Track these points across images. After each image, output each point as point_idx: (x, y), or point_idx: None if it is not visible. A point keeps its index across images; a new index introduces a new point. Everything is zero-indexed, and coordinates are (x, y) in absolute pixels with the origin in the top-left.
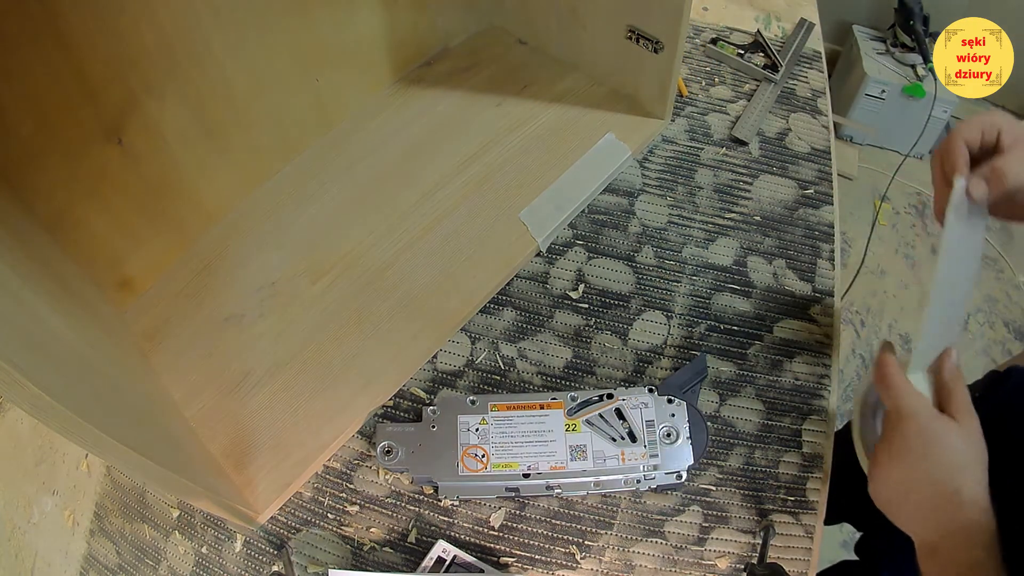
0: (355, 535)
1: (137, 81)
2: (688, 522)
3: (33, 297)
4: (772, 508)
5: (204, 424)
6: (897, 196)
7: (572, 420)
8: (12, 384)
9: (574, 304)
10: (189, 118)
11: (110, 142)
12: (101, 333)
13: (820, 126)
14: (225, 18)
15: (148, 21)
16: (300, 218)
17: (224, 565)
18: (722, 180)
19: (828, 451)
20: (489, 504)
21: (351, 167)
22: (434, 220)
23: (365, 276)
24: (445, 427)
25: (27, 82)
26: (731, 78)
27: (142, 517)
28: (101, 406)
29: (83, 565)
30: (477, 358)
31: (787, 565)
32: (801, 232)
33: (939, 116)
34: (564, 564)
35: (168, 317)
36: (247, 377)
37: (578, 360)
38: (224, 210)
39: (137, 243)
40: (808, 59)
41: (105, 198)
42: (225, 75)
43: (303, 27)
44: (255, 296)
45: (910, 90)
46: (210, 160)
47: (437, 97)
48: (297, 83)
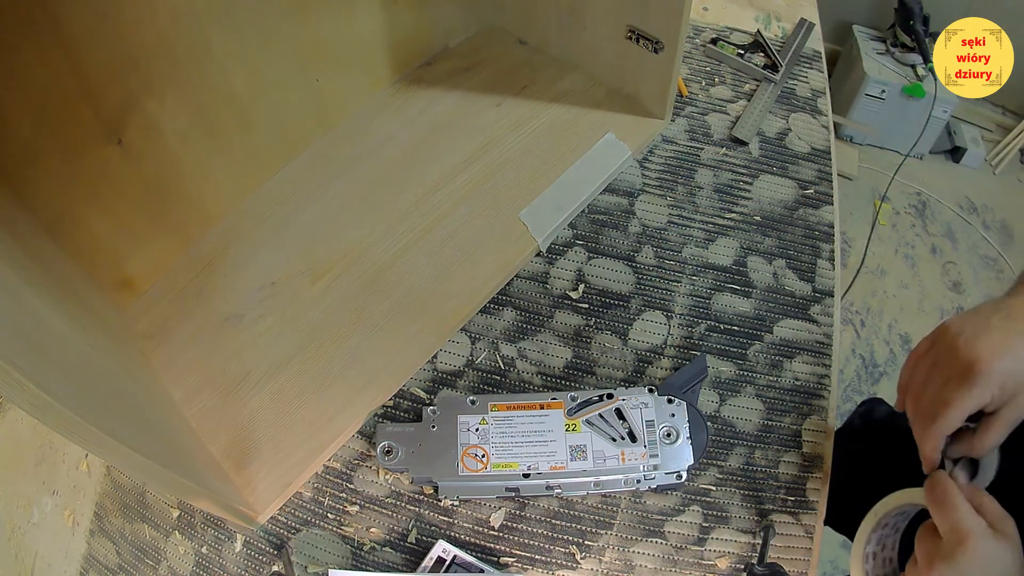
0: (355, 535)
1: (137, 81)
2: (688, 522)
3: (33, 297)
4: (772, 508)
5: (204, 424)
6: (897, 196)
7: (572, 420)
8: (12, 384)
9: (574, 304)
10: (189, 118)
11: (110, 142)
12: (101, 333)
13: (820, 126)
14: (225, 18)
15: (148, 21)
16: (300, 218)
17: (224, 565)
18: (722, 180)
19: (828, 451)
20: (489, 504)
21: (351, 167)
22: (434, 220)
23: (365, 276)
24: (445, 427)
25: (27, 82)
26: (731, 78)
27: (142, 517)
28: (101, 406)
29: (83, 565)
30: (477, 358)
31: (787, 565)
32: (801, 232)
33: (939, 116)
34: (564, 564)
35: (168, 317)
36: (247, 377)
37: (578, 360)
38: (224, 210)
39: (137, 243)
40: (808, 59)
41: (105, 198)
42: (225, 75)
43: (303, 27)
44: (255, 296)
45: (910, 90)
46: (210, 160)
47: (437, 97)
48: (297, 83)
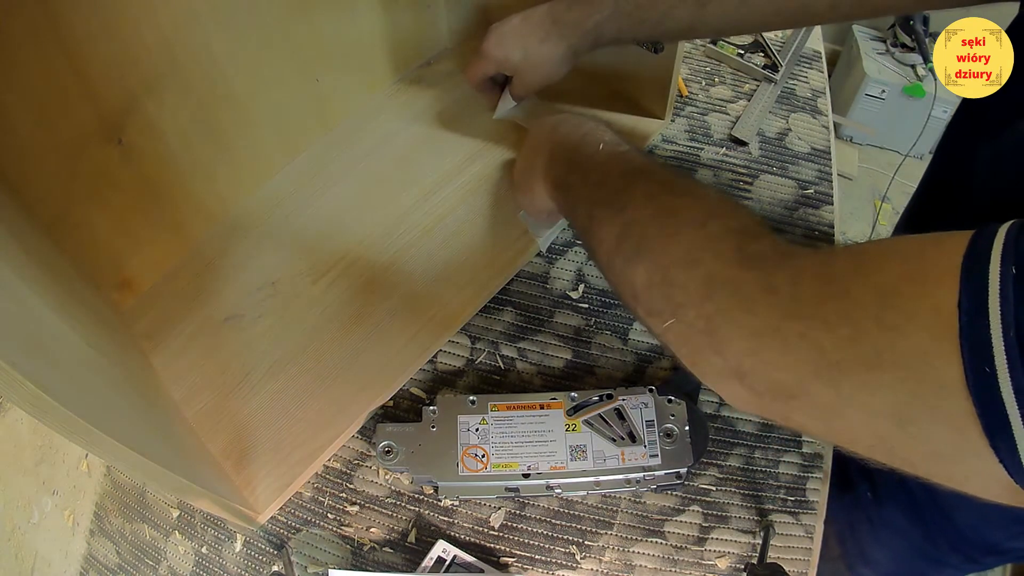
0: (355, 535)
1: (137, 81)
2: (688, 522)
3: (33, 297)
4: (772, 508)
5: (204, 424)
6: (897, 196)
7: (572, 420)
8: (12, 384)
9: (574, 304)
10: (189, 118)
11: (110, 142)
12: (101, 333)
13: (820, 126)
14: (225, 18)
15: (148, 21)
16: (300, 218)
17: (224, 565)
18: (722, 180)
19: (828, 451)
20: (489, 504)
21: (351, 167)
22: (434, 220)
23: (365, 276)
24: (445, 427)
25: (27, 82)
26: (731, 78)
27: (142, 517)
28: (101, 406)
29: (83, 565)
30: (477, 358)
31: (787, 565)
32: (801, 232)
33: (939, 116)
34: (564, 564)
35: (168, 317)
36: (247, 377)
37: (578, 360)
38: (224, 210)
39: (137, 243)
40: (808, 59)
41: (105, 198)
42: (225, 75)
43: (303, 27)
44: (255, 296)
45: (910, 90)
46: (210, 160)
47: (437, 97)
48: (297, 83)
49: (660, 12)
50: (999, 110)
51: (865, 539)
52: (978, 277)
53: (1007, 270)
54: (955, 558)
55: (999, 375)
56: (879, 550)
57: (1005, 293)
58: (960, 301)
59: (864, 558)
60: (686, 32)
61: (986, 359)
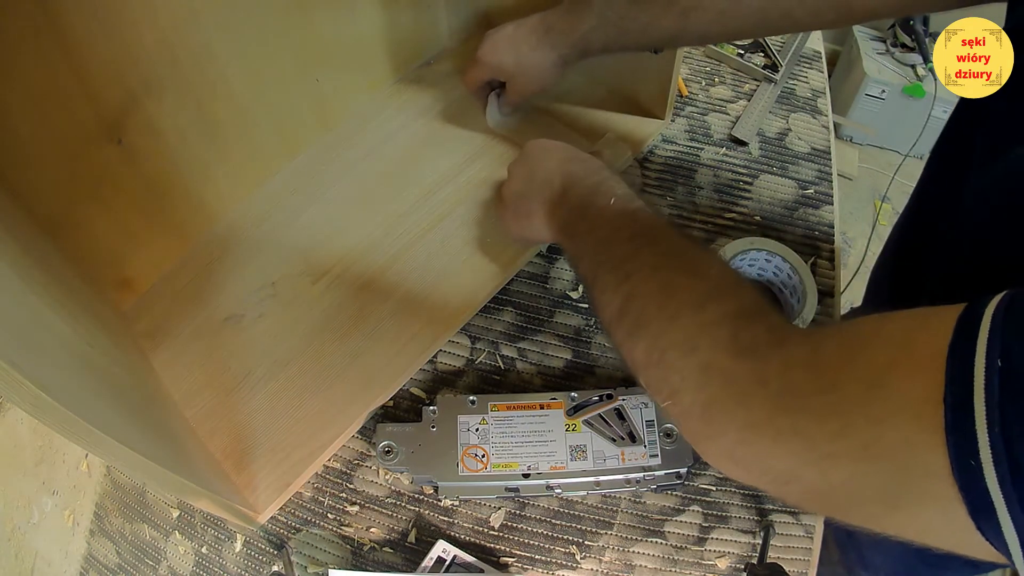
0: (355, 535)
1: (137, 81)
2: (688, 522)
3: (33, 297)
4: (772, 508)
5: (204, 424)
6: (897, 196)
7: (572, 420)
8: (12, 384)
9: (574, 304)
10: (189, 118)
11: (110, 142)
12: (101, 333)
13: (820, 126)
14: (225, 18)
15: (148, 21)
16: (300, 218)
17: (224, 565)
18: (722, 180)
19: None
20: (489, 504)
21: (351, 167)
22: (434, 220)
23: (365, 276)
24: (445, 427)
25: (27, 82)
26: (731, 78)
27: (142, 517)
28: (101, 406)
29: (83, 565)
30: (477, 358)
31: (787, 565)
32: (801, 232)
33: (939, 116)
34: (564, 564)
35: (168, 317)
36: (247, 377)
37: (578, 360)
38: (224, 210)
39: (137, 243)
40: (808, 59)
41: (105, 198)
42: (225, 75)
43: (303, 27)
44: (255, 296)
45: (910, 90)
46: (210, 160)
47: (437, 97)
48: (297, 83)
49: (644, 23)
50: (989, 136)
51: (864, 543)
52: (962, 372)
53: (992, 363)
54: (955, 562)
55: (984, 468)
56: (878, 555)
57: (990, 388)
58: (945, 396)
59: (863, 563)
60: (671, 41)
61: (971, 453)
